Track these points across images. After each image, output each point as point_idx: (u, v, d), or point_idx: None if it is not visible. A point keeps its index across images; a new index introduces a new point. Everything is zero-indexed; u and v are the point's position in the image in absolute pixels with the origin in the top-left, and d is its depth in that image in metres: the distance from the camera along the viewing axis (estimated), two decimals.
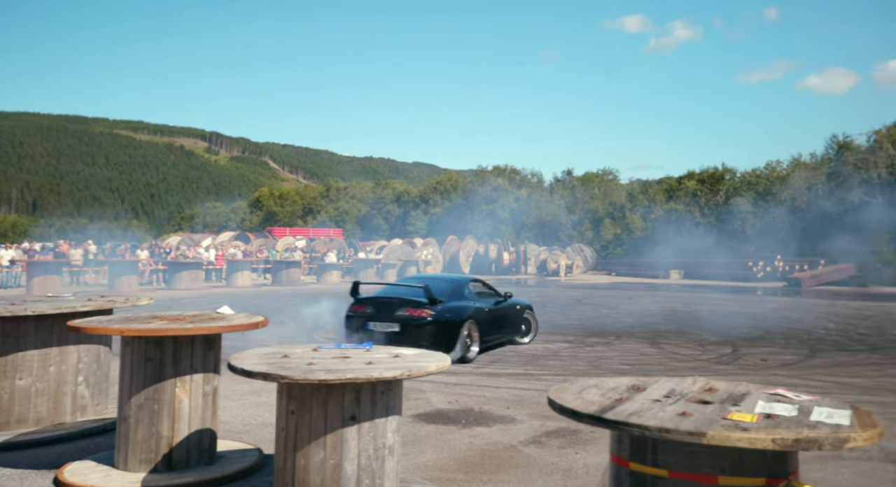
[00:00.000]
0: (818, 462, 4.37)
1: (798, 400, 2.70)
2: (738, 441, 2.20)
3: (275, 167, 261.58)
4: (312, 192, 75.00)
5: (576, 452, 4.56)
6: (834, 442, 2.19)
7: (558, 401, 2.62)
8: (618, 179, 55.50)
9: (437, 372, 3.30)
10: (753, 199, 40.54)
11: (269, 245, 36.31)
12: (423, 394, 6.31)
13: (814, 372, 7.76)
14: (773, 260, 33.47)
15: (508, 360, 8.49)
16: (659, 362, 8.54)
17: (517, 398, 6.22)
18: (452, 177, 63.67)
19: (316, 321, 12.70)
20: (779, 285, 28.59)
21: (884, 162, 34.40)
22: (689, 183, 46.20)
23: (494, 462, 4.31)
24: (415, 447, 4.62)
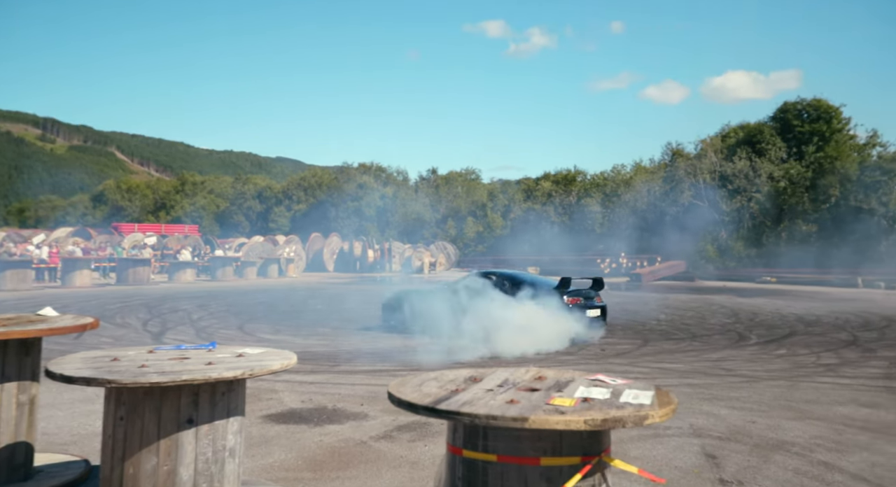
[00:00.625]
0: (639, 440, 4.83)
1: (613, 384, 2.97)
2: (556, 424, 2.39)
3: (122, 158, 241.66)
4: (166, 186, 70.32)
5: (425, 445, 4.70)
6: (635, 420, 2.45)
7: (397, 394, 2.71)
8: (480, 179, 57.29)
9: (282, 371, 3.27)
10: (602, 200, 43.55)
11: (114, 242, 33.58)
12: (276, 394, 6.19)
13: (644, 360, 8.53)
14: (619, 257, 36.21)
15: (367, 357, 8.53)
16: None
17: (372, 394, 6.27)
18: (317, 173, 62.45)
19: (165, 323, 11.98)
20: (623, 280, 30.96)
21: (708, 168, 38.35)
22: (545, 183, 48.71)
23: (344, 459, 4.34)
24: (262, 448, 4.53)
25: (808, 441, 4.82)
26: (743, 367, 7.99)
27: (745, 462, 4.33)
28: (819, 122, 38.69)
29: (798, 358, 8.76)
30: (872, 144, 38.78)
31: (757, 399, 6.23)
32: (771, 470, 4.18)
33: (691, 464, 4.30)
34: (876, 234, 32.32)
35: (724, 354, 9.04)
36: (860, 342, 10.34)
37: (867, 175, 33.73)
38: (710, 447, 4.68)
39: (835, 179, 34.75)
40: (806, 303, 18.15)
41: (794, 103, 40.19)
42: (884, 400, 6.23)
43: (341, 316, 13.68)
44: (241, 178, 66.59)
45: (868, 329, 12.20)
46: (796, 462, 4.36)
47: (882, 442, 4.82)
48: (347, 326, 12.13)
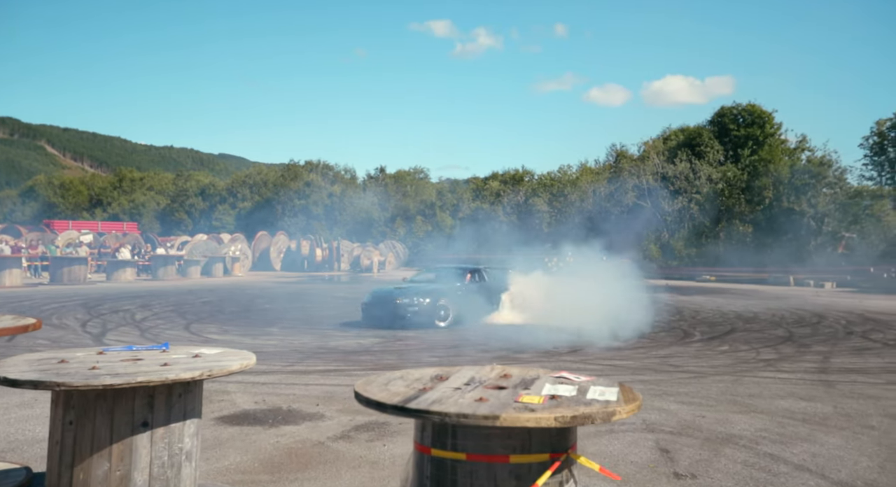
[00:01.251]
0: (595, 436, 4.91)
1: (578, 381, 3.00)
2: (526, 422, 2.40)
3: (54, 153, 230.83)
4: (101, 182, 67.68)
5: (384, 444, 4.65)
6: (604, 416, 2.48)
7: (364, 394, 2.66)
8: (428, 178, 57.37)
9: (241, 371, 3.18)
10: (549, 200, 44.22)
11: (46, 239, 32.06)
12: (228, 395, 6.02)
13: (595, 358, 8.69)
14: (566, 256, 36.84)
15: (320, 357, 8.40)
16: (465, 352, 8.99)
17: (328, 394, 6.18)
18: (262, 170, 61.26)
19: (105, 324, 11.50)
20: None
21: (651, 170, 39.45)
22: (494, 183, 49.14)
23: (302, 460, 4.25)
24: (217, 451, 4.40)
25: (754, 434, 5.00)
26: (689, 363, 8.24)
27: (698, 456, 4.46)
28: (753, 127, 40.34)
29: (740, 353, 9.09)
30: (802, 148, 40.69)
31: (704, 394, 6.43)
32: (722, 463, 4.31)
33: (646, 459, 4.40)
34: (805, 235, 33.92)
35: (671, 351, 9.30)
36: (795, 338, 10.81)
37: (797, 178, 35.35)
38: (663, 441, 4.80)
39: (768, 182, 36.29)
40: (744, 301, 18.88)
41: (730, 108, 41.77)
42: (820, 393, 6.52)
43: (292, 316, 13.44)
44: (182, 175, 64.71)
45: (802, 325, 12.78)
46: (745, 454, 4.51)
47: (821, 434, 5.04)
48: (299, 326, 11.92)
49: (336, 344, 9.66)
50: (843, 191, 34.76)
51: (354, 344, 9.71)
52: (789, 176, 35.75)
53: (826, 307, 17.10)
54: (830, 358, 8.77)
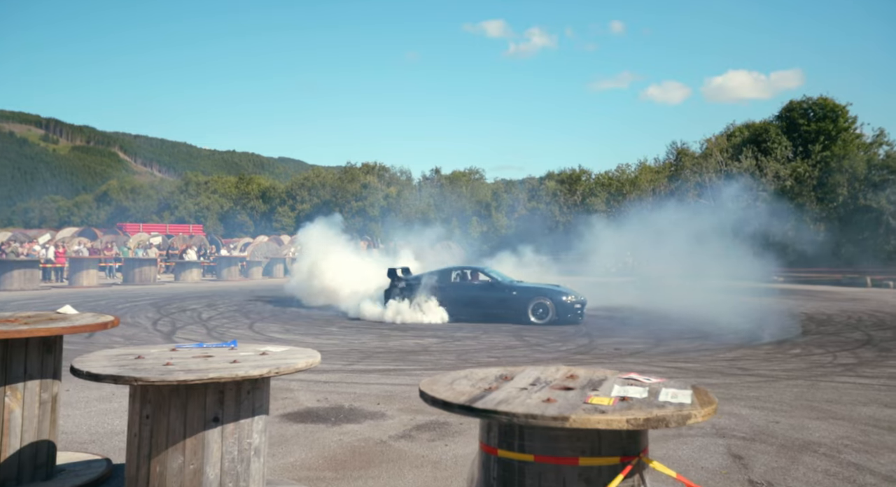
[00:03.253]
0: (662, 440, 4.76)
1: (648, 383, 2.91)
2: (597, 423, 2.33)
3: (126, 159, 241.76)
4: (169, 186, 70.42)
5: (445, 444, 4.63)
6: (678, 419, 2.39)
7: (430, 393, 2.64)
8: (483, 178, 57.25)
9: (307, 369, 3.22)
10: (607, 200, 43.43)
11: (119, 241, 33.59)
12: (291, 393, 6.13)
13: (658, 359, 8.45)
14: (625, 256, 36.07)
15: (379, 356, 8.47)
16: (523, 354, 8.91)
17: (388, 393, 6.21)
18: (320, 173, 62.48)
19: (174, 322, 11.93)
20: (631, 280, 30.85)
21: (714, 168, 38.22)
22: (550, 183, 48.61)
23: (364, 459, 4.28)
24: (282, 447, 4.47)
25: (834, 442, 4.75)
26: (760, 367, 7.91)
27: (774, 463, 4.26)
28: (825, 121, 38.54)
29: (814, 357, 8.68)
30: (879, 143, 38.62)
31: (777, 398, 6.15)
32: (800, 472, 4.11)
33: (718, 465, 4.23)
34: (884, 233, 32.18)
35: (739, 353, 8.96)
36: (875, 341, 10.24)
37: (875, 174, 33.57)
38: (735, 447, 4.61)
39: (842, 178, 34.61)
40: (816, 303, 18.04)
41: (799, 102, 40.04)
42: None
43: (349, 316, 13.61)
44: (244, 179, 66.65)
45: (882, 328, 12.10)
46: (825, 463, 4.28)
47: None
48: (358, 325, 12.07)
49: (395, 343, 9.72)
50: None
51: (413, 343, 9.75)
52: (866, 171, 33.99)
53: None
54: None
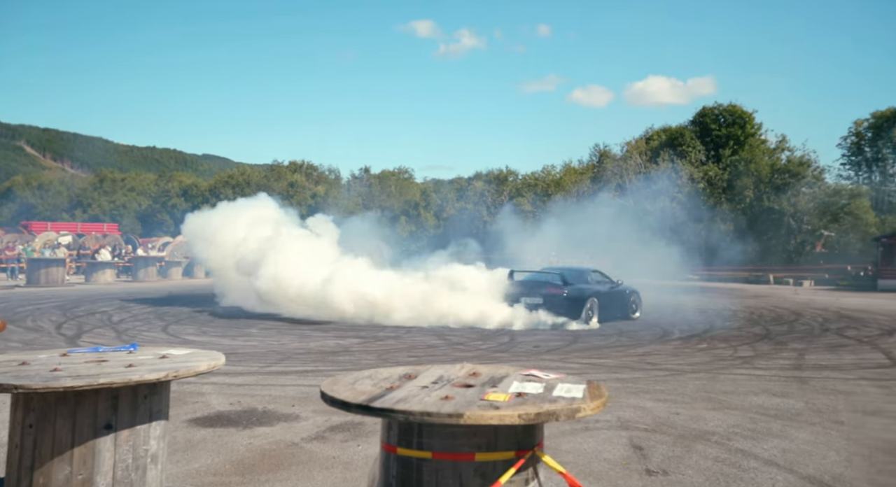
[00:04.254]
0: (570, 434, 4.93)
1: (546, 378, 3.01)
2: (490, 419, 2.40)
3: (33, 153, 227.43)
4: (82, 183, 66.84)
5: (358, 445, 4.64)
6: (568, 413, 2.49)
7: (330, 393, 2.65)
8: (413, 178, 57.27)
9: (209, 371, 3.15)
10: (533, 200, 44.32)
11: (24, 241, 31.62)
12: (203, 397, 5.96)
13: (574, 356, 8.73)
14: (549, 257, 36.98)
15: (298, 358, 8.36)
16: (444, 353, 9.00)
17: (304, 395, 6.14)
18: (246, 171, 60.86)
19: (81, 326, 11.36)
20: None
21: (634, 170, 39.71)
22: (478, 183, 49.18)
23: (274, 461, 4.22)
24: (188, 453, 4.35)
25: (726, 431, 5.05)
26: (667, 361, 8.30)
27: (670, 453, 4.49)
28: (734, 127, 40.73)
29: (717, 351, 9.18)
30: (781, 148, 41.12)
31: (680, 391, 6.48)
32: (693, 459, 4.35)
33: (620, 456, 4.42)
34: (785, 234, 34.32)
35: (650, 349, 9.37)
36: (772, 335, 10.93)
37: (777, 177, 35.76)
38: (637, 439, 4.82)
39: (749, 181, 36.67)
40: (724, 300, 19.06)
41: (711, 108, 42.16)
42: (793, 390, 6.60)
43: (275, 317, 13.34)
44: (165, 176, 64.12)
45: (779, 323, 12.92)
46: (716, 450, 4.55)
47: (792, 429, 5.10)
48: (279, 327, 11.85)
49: (316, 344, 9.61)
50: (821, 191, 35.24)
51: (334, 344, 9.67)
52: (770, 175, 36.16)
53: (803, 305, 17.31)
54: (805, 354, 8.87)
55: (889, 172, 39.32)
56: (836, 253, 32.09)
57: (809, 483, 3.90)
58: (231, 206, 17.73)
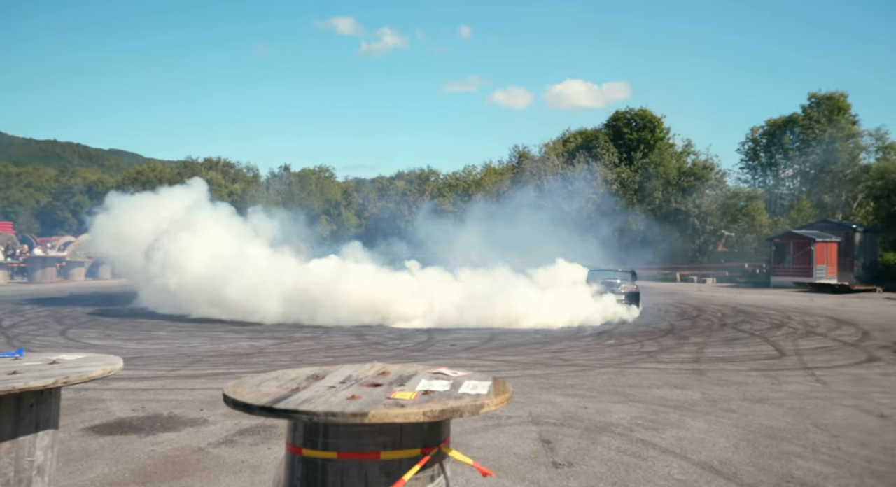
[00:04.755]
0: (482, 430, 5.02)
1: (454, 376, 3.05)
2: (395, 417, 2.41)
3: None
4: None
5: (269, 448, 4.55)
6: (472, 409, 2.54)
7: (232, 396, 2.59)
8: (334, 177, 56.54)
9: (104, 377, 3.01)
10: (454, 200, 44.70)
11: None
12: (103, 404, 5.68)
13: (490, 354, 8.89)
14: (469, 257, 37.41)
15: (209, 361, 8.09)
16: (361, 352, 8.95)
17: (214, 398, 5.96)
18: (157, 167, 58.23)
19: None
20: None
21: (551, 171, 40.80)
22: (399, 183, 49.13)
23: (178, 468, 4.08)
24: (84, 463, 4.14)
25: (629, 422, 5.29)
26: (579, 357, 8.59)
27: (576, 445, 4.66)
28: (645, 131, 42.59)
29: (625, 346, 9.58)
30: (687, 152, 43.32)
31: (589, 385, 6.73)
32: (598, 451, 4.53)
33: (529, 450, 4.55)
34: (691, 234, 36.19)
35: (563, 345, 9.66)
36: (676, 330, 11.51)
37: (683, 180, 37.68)
38: (546, 433, 4.98)
39: (658, 183, 38.42)
40: None
41: (623, 112, 43.91)
42: (692, 381, 6.99)
43: (185, 319, 12.84)
44: (66, 171, 60.42)
45: (683, 318, 13.63)
46: (619, 441, 4.76)
47: (688, 419, 5.40)
48: (190, 328, 11.42)
49: (228, 346, 9.34)
50: (722, 193, 37.38)
51: (248, 345, 9.42)
52: (677, 178, 38.02)
53: (706, 301, 18.33)
54: (705, 348, 9.41)
55: (781, 176, 42.23)
56: (736, 252, 34.13)
57: (700, 469, 4.15)
58: (149, 197, 16.81)
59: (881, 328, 11.64)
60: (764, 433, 4.96)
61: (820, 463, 4.25)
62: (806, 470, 4.12)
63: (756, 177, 43.33)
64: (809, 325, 12.08)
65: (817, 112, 39.21)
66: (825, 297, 18.66)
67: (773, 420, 5.34)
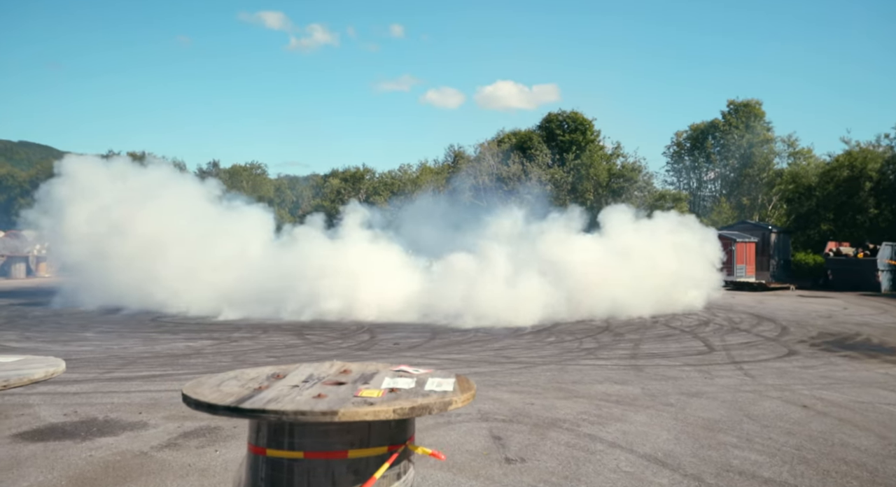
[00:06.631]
0: (433, 428, 5.04)
1: (416, 374, 3.06)
2: (365, 415, 2.41)
3: None
4: None
5: (216, 450, 4.41)
6: (441, 406, 2.56)
7: (193, 396, 2.51)
8: (266, 174, 55.28)
9: (46, 379, 2.85)
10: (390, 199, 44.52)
11: None
12: (30, 409, 5.36)
13: (435, 352, 8.91)
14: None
15: (144, 362, 7.76)
16: (304, 352, 8.79)
17: (153, 401, 5.73)
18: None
19: None
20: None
21: (486, 171, 41.27)
22: (334, 181, 48.51)
23: (120, 474, 3.90)
24: (14, 472, 3.90)
25: (575, 417, 5.42)
26: (521, 355, 8.73)
27: (526, 441, 4.75)
28: (577, 133, 43.68)
29: (565, 344, 9.80)
30: (617, 155, 44.73)
31: (534, 382, 6.85)
32: (548, 446, 4.63)
33: (481, 447, 4.60)
34: None
35: (505, 343, 9.80)
36: (612, 328, 11.87)
37: (614, 181, 38.90)
38: (496, 429, 5.04)
39: (590, 184, 39.51)
40: None
41: (556, 114, 44.89)
42: (631, 377, 7.23)
43: (113, 318, 12.26)
44: None
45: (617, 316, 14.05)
46: (567, 436, 4.87)
47: (631, 413, 5.59)
48: (119, 329, 10.92)
49: (163, 347, 8.98)
50: (650, 194, 38.80)
51: (184, 346, 9.10)
52: (607, 179, 39.21)
53: None
54: (640, 345, 9.75)
55: (703, 179, 44.25)
56: None
57: (646, 461, 4.30)
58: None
59: (798, 323, 12.37)
60: (701, 425, 5.19)
61: (754, 453, 4.49)
62: (742, 459, 4.34)
63: (681, 179, 45.22)
64: (733, 321, 12.71)
65: (735, 118, 41.30)
66: (745, 295, 19.66)
67: (709, 412, 5.60)
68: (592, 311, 13.15)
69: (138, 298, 13.40)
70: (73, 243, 13.98)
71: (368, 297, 12.84)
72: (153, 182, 15.02)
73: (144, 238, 13.38)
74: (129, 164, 16.26)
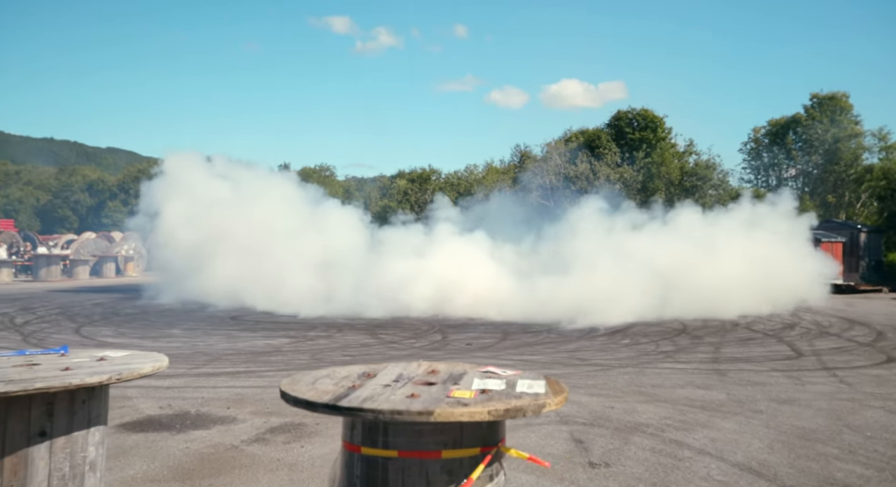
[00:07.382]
0: (512, 430, 5.00)
1: (505, 375, 3.03)
2: (460, 416, 2.40)
3: None
4: None
5: (302, 446, 4.52)
6: (535, 408, 2.52)
7: (292, 393, 2.57)
8: (335, 175, 56.50)
9: (153, 374, 2.99)
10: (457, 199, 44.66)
11: None
12: (130, 401, 5.66)
13: (507, 353, 8.86)
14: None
15: (228, 359, 8.06)
16: (378, 351, 8.92)
17: (239, 396, 5.94)
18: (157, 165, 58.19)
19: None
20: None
21: (553, 170, 40.78)
22: (401, 182, 49.04)
23: (215, 466, 4.05)
24: (121, 460, 4.11)
25: (659, 422, 5.27)
26: (596, 357, 8.57)
27: (609, 445, 4.64)
28: (647, 131, 42.58)
29: (641, 346, 9.56)
30: (689, 152, 43.31)
31: (612, 385, 6.71)
32: (632, 451, 4.51)
33: (563, 450, 4.52)
34: None
35: (578, 345, 9.64)
36: (689, 330, 11.49)
37: (686, 180, 37.68)
38: (577, 433, 4.96)
39: (661, 183, 38.42)
40: None
41: (625, 112, 43.90)
42: (714, 382, 6.97)
43: (196, 316, 12.81)
44: (66, 169, 60.33)
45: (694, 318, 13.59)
46: (652, 442, 4.74)
47: (718, 419, 5.38)
48: (203, 327, 11.39)
49: (244, 344, 9.31)
50: (725, 193, 37.37)
51: (264, 344, 9.39)
52: (679, 178, 38.03)
53: None
54: (721, 348, 9.39)
55: (783, 176, 42.25)
56: None
57: (739, 470, 4.13)
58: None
59: (895, 328, 11.62)
60: (797, 434, 4.94)
61: (860, 466, 4.23)
62: (847, 473, 4.10)
63: (759, 177, 43.35)
64: (822, 325, 12.07)
65: (819, 112, 39.22)
66: (832, 297, 18.64)
67: (804, 421, 5.33)
68: (684, 310, 12.87)
69: (225, 296, 14.00)
70: (171, 244, 14.68)
71: (452, 295, 12.99)
72: (255, 183, 15.52)
73: (241, 238, 13.89)
74: (229, 164, 16.82)
